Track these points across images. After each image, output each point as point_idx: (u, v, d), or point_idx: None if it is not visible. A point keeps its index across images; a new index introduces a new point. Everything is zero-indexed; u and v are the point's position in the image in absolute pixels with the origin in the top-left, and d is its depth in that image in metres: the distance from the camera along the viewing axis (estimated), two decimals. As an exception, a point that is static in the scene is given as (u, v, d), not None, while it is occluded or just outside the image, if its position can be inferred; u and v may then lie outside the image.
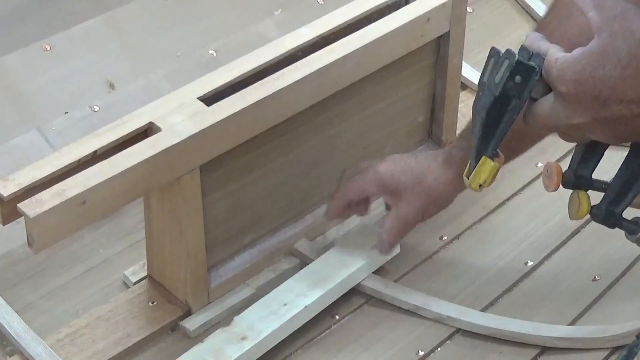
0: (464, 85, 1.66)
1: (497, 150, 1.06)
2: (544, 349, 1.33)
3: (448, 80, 1.53)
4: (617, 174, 1.07)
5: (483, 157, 1.05)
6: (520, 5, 1.89)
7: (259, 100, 1.29)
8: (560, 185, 1.07)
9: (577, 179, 1.08)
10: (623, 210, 1.08)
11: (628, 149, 1.07)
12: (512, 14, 1.89)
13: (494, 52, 1.03)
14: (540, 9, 1.86)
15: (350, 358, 1.33)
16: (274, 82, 1.32)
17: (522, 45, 1.02)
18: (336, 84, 1.38)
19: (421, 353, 1.33)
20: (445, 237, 1.48)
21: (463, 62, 1.56)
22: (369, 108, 1.47)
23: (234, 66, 1.35)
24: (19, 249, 1.42)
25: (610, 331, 1.30)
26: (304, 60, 1.36)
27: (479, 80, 1.03)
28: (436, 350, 1.34)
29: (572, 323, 1.35)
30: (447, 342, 1.35)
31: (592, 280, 1.40)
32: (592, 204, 1.08)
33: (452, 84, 1.54)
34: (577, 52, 0.97)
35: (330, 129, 1.43)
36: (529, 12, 1.88)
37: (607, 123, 0.98)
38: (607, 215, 1.07)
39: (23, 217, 1.16)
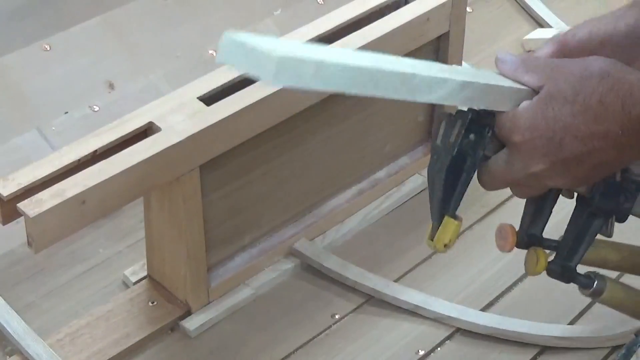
0: (464, 85, 1.66)
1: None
2: (544, 348, 1.33)
3: (448, 80, 1.53)
4: (566, 229, 1.11)
5: (446, 217, 1.06)
6: (520, 5, 1.90)
7: (258, 100, 1.29)
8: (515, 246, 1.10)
9: (530, 238, 1.11)
10: (577, 264, 1.11)
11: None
12: (512, 14, 1.89)
13: (444, 115, 1.05)
14: (540, 9, 1.87)
15: (350, 358, 1.33)
16: (274, 82, 1.32)
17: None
18: (336, 84, 1.38)
19: (421, 353, 1.33)
20: (445, 237, 1.48)
21: (463, 62, 1.56)
22: (369, 108, 1.47)
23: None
24: (19, 249, 1.42)
25: (609, 330, 1.31)
26: (303, 60, 1.36)
27: (432, 144, 1.05)
28: (436, 350, 1.34)
29: (572, 322, 1.35)
30: (447, 342, 1.35)
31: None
32: (548, 260, 1.10)
33: (452, 84, 1.54)
34: (525, 103, 1.00)
35: (330, 129, 1.43)
36: (528, 12, 1.88)
37: (565, 164, 1.00)
38: (563, 270, 1.11)
39: (23, 217, 1.16)
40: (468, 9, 1.57)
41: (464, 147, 1.02)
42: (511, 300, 1.40)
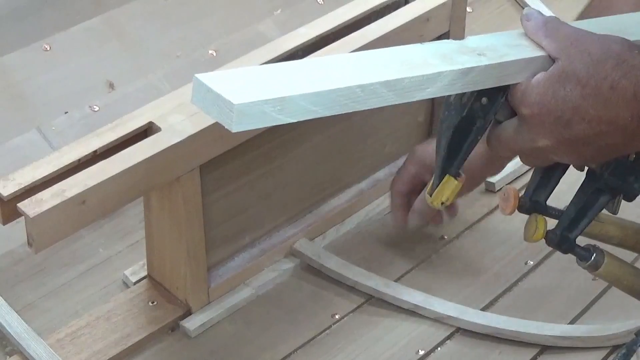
0: (464, 85, 1.66)
1: (460, 170, 1.07)
2: (544, 348, 1.33)
3: (448, 80, 1.53)
4: (572, 200, 1.10)
5: (447, 176, 1.06)
6: (520, 5, 1.90)
7: (258, 100, 1.29)
8: (516, 209, 1.10)
9: (533, 204, 1.11)
10: (577, 237, 1.11)
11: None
12: (512, 14, 1.89)
13: None
14: (540, 9, 1.86)
15: (350, 358, 1.33)
16: (274, 82, 1.32)
17: None
18: (336, 84, 1.38)
19: (421, 352, 1.33)
20: (446, 237, 1.48)
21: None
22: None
23: (234, 66, 1.35)
24: (19, 249, 1.42)
25: (610, 330, 1.31)
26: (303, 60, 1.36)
27: (445, 100, 1.04)
28: (436, 350, 1.34)
29: (572, 322, 1.35)
30: (447, 341, 1.35)
31: (592, 280, 1.40)
32: (548, 229, 1.10)
33: (452, 84, 1.54)
34: (539, 76, 1.00)
35: (330, 128, 1.43)
36: (528, 12, 1.88)
37: (571, 144, 1.00)
38: (562, 240, 1.11)
39: (23, 217, 1.16)
40: (468, 9, 1.57)
41: (475, 109, 1.02)
42: (511, 300, 1.40)
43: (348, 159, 1.48)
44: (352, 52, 1.37)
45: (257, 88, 0.91)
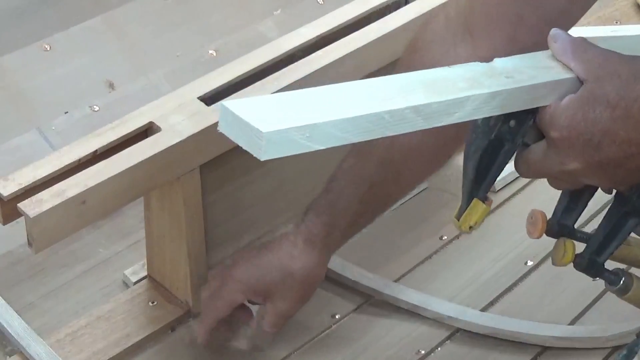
0: (464, 85, 1.65)
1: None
2: (544, 349, 1.33)
3: (448, 80, 1.52)
4: (600, 223, 1.09)
5: (475, 200, 1.05)
6: (520, 5, 1.89)
7: (258, 100, 1.29)
8: (544, 233, 1.09)
9: (561, 227, 1.10)
10: (605, 260, 1.10)
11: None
12: (512, 14, 1.88)
13: None
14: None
15: (350, 358, 1.33)
16: (274, 82, 1.32)
17: None
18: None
19: (421, 352, 1.33)
20: (445, 237, 1.48)
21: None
22: (369, 108, 1.46)
23: (234, 66, 1.35)
24: (19, 249, 1.42)
25: (610, 330, 1.31)
26: (303, 60, 1.36)
27: (472, 123, 1.03)
28: (436, 350, 1.34)
29: (572, 323, 1.35)
30: (447, 341, 1.35)
31: (592, 280, 1.40)
32: (576, 253, 1.09)
33: (452, 84, 1.54)
34: (568, 98, 0.99)
35: (330, 128, 1.43)
36: (528, 12, 1.88)
37: (601, 167, 0.99)
38: (590, 264, 1.09)
39: (23, 217, 1.16)
40: (468, 9, 1.56)
41: (503, 132, 1.01)
42: (511, 300, 1.40)
43: (348, 159, 1.48)
44: (352, 52, 1.37)
45: (285, 115, 0.90)
